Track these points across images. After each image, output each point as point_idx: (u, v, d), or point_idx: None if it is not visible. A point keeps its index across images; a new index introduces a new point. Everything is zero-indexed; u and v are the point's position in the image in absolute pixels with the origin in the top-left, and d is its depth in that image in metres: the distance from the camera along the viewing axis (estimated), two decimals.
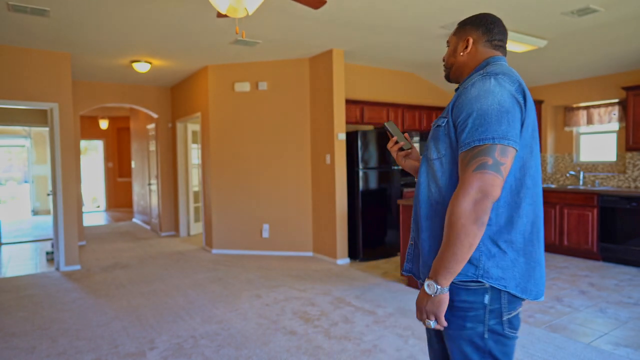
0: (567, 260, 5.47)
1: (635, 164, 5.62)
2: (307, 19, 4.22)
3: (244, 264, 5.48)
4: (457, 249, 1.18)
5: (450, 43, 1.48)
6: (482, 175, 1.16)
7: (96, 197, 12.59)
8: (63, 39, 4.79)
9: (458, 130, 1.26)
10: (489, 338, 1.26)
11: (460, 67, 1.44)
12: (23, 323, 3.58)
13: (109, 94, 7.33)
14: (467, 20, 1.46)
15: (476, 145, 1.19)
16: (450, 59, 1.47)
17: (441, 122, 1.34)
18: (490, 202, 1.17)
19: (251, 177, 6.09)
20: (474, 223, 1.16)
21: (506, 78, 1.25)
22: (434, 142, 1.35)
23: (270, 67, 5.93)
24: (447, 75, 1.51)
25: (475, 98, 1.23)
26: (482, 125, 1.20)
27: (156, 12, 3.99)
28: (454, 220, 1.18)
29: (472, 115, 1.22)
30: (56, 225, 5.39)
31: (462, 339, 1.28)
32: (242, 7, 2.63)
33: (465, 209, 1.16)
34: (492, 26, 1.42)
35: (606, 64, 5.49)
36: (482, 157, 1.18)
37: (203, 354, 2.93)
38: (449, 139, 1.30)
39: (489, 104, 1.21)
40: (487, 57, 1.40)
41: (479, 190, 1.16)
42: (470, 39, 1.41)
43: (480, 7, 3.94)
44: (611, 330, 3.23)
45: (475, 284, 1.25)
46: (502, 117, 1.19)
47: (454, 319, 1.28)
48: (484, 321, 1.26)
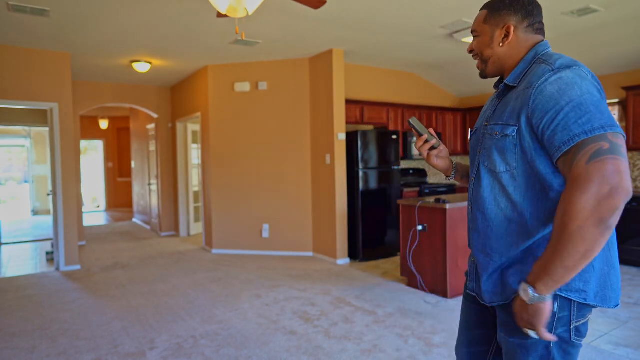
0: None
1: (635, 164, 5.62)
2: (307, 19, 4.22)
3: (244, 264, 5.48)
4: (568, 256, 0.97)
5: (482, 33, 1.30)
6: (601, 165, 0.94)
7: (96, 197, 12.59)
8: (63, 39, 4.79)
9: (547, 135, 1.06)
10: (554, 347, 1.14)
11: (500, 60, 1.28)
12: (23, 323, 3.58)
13: (109, 94, 7.33)
14: (499, 4, 1.27)
15: (581, 140, 0.99)
16: (487, 50, 1.29)
17: (509, 132, 1.16)
18: (622, 197, 0.93)
19: (251, 177, 6.09)
20: (596, 226, 0.94)
21: (583, 68, 1.10)
22: (499, 153, 1.19)
23: (270, 67, 5.93)
24: (484, 71, 1.33)
25: (559, 93, 1.05)
26: (580, 117, 1.01)
27: (156, 12, 3.99)
28: (566, 222, 0.97)
29: (563, 110, 1.03)
30: (56, 225, 5.39)
31: (525, 348, 1.17)
32: (242, 7, 2.63)
33: (584, 208, 0.94)
34: (531, 7, 1.24)
35: (606, 64, 5.49)
36: (592, 145, 0.97)
37: (203, 354, 2.93)
38: (522, 150, 1.14)
39: (580, 94, 1.03)
40: (531, 45, 1.24)
41: (602, 183, 0.93)
42: (511, 26, 1.24)
43: (479, 7, 3.93)
44: (611, 330, 3.23)
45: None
46: (600, 104, 1.03)
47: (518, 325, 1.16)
48: (551, 330, 1.13)
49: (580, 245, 0.96)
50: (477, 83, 6.91)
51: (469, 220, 1.36)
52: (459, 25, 4.41)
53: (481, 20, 1.31)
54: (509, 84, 1.24)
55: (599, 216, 0.94)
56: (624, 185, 0.93)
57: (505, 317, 1.22)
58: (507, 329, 1.21)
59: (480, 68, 1.34)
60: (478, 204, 1.27)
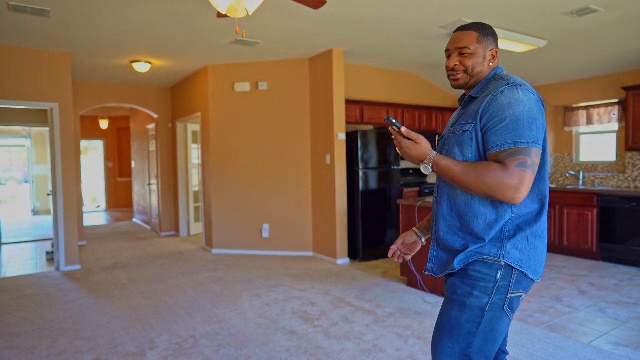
0: (566, 260, 5.47)
1: (635, 164, 5.62)
2: (307, 19, 4.22)
3: (244, 264, 5.49)
4: (470, 182, 1.33)
5: (476, 52, 1.51)
6: (523, 173, 1.30)
7: (96, 197, 12.59)
8: (63, 39, 4.79)
9: (488, 134, 1.37)
10: (489, 310, 1.38)
11: (477, 76, 1.53)
12: (23, 323, 3.58)
13: (109, 94, 7.33)
14: (487, 30, 1.53)
15: (511, 148, 1.32)
16: (478, 67, 1.52)
17: (468, 128, 1.43)
18: (515, 201, 1.31)
19: (251, 177, 6.09)
20: (484, 194, 1.33)
21: (529, 89, 1.39)
22: (458, 146, 1.45)
23: (270, 67, 5.93)
24: (466, 83, 1.55)
25: (507, 105, 1.34)
26: (515, 130, 1.32)
27: (156, 12, 3.99)
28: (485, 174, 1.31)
29: (505, 120, 1.33)
30: (56, 225, 5.39)
31: (463, 306, 1.40)
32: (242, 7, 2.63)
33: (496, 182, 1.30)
34: (496, 36, 1.56)
35: (606, 64, 5.49)
36: (522, 156, 1.31)
37: (203, 354, 2.93)
38: (476, 142, 1.41)
39: (521, 112, 1.33)
40: (494, 66, 1.54)
41: (517, 184, 1.29)
42: (497, 52, 1.53)
43: (480, 7, 3.94)
44: (611, 330, 3.23)
45: (492, 259, 1.39)
46: (532, 123, 1.33)
47: (464, 286, 1.42)
48: (490, 295, 1.38)
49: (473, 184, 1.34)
50: None
51: (434, 209, 1.59)
52: (459, 25, 4.41)
53: (473, 40, 1.51)
54: (473, 95, 1.51)
55: (493, 194, 1.32)
56: (524, 193, 1.31)
57: (454, 279, 1.47)
58: (452, 288, 1.46)
59: (463, 80, 1.54)
60: (443, 191, 1.53)
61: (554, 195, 5.80)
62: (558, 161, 6.59)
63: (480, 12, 4.06)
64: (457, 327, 1.40)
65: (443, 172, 1.39)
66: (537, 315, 3.54)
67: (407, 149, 1.45)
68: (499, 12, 4.05)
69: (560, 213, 5.73)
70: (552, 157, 6.65)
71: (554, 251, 5.85)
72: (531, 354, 2.84)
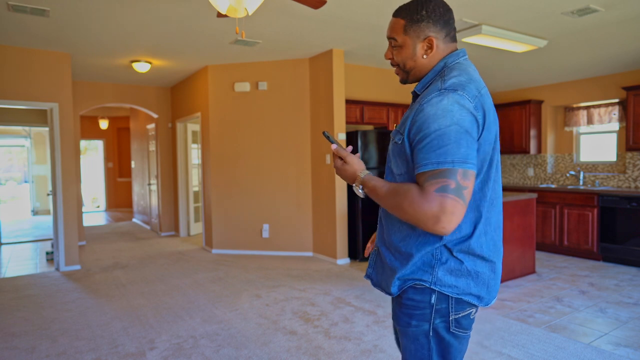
0: (567, 260, 5.47)
1: (636, 164, 5.62)
2: (307, 19, 4.22)
3: (244, 264, 5.48)
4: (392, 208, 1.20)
5: (404, 45, 1.29)
6: (443, 199, 1.10)
7: (96, 197, 12.59)
8: (63, 39, 4.79)
9: (415, 151, 1.18)
10: (433, 336, 1.26)
11: (421, 70, 1.31)
12: (23, 323, 3.58)
13: (109, 94, 7.33)
14: (417, 15, 1.25)
15: (435, 169, 1.12)
16: (409, 62, 1.30)
17: (398, 139, 1.27)
18: (442, 230, 1.11)
19: (251, 177, 6.09)
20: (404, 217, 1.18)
21: (465, 94, 1.16)
22: (394, 157, 1.30)
23: (270, 67, 5.93)
24: (405, 80, 1.36)
25: (433, 117, 1.14)
26: (440, 147, 1.12)
27: (156, 12, 3.99)
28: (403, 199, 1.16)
29: (430, 135, 1.13)
30: (56, 225, 5.39)
31: (408, 336, 1.30)
32: (242, 7, 2.62)
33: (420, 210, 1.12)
34: (448, 16, 1.26)
35: (606, 63, 5.49)
36: (443, 179, 1.10)
37: (203, 354, 2.93)
38: (405, 156, 1.24)
39: (447, 125, 1.12)
40: (447, 54, 1.29)
41: (438, 213, 1.10)
42: (433, 39, 1.26)
43: (480, 7, 3.94)
44: (611, 330, 3.23)
45: (423, 285, 1.25)
46: (461, 138, 1.12)
47: (402, 315, 1.31)
48: (429, 320, 1.26)
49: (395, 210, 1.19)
50: None
51: (379, 217, 1.46)
52: (459, 25, 4.41)
53: (400, 30, 1.28)
54: (417, 91, 1.31)
55: (415, 223, 1.14)
56: (446, 227, 1.11)
57: (394, 305, 1.36)
58: (394, 316, 1.36)
59: (402, 77, 1.36)
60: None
61: (554, 195, 5.80)
62: (558, 161, 6.59)
63: (480, 12, 4.06)
64: (412, 356, 1.31)
65: (371, 194, 1.25)
66: (537, 316, 3.54)
67: (339, 169, 1.31)
68: (499, 12, 4.05)
69: (560, 213, 5.73)
70: (552, 157, 6.65)
71: (554, 251, 5.85)
72: (531, 354, 2.83)
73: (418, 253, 1.25)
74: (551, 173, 6.60)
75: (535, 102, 6.50)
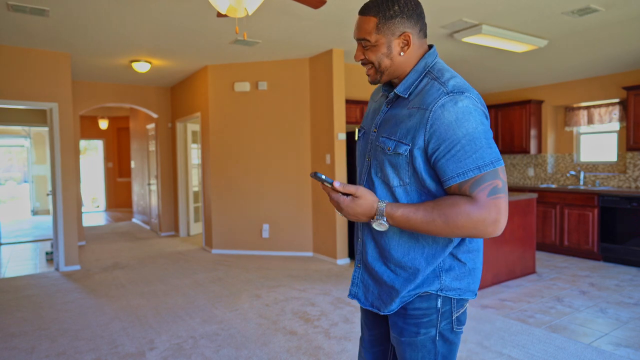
0: (567, 260, 5.47)
1: (636, 164, 5.62)
2: (307, 19, 4.22)
3: (244, 264, 5.48)
4: (428, 226, 1.12)
5: (378, 43, 1.21)
6: (498, 202, 1.10)
7: (96, 197, 12.59)
8: (63, 39, 4.78)
9: (441, 162, 1.12)
10: (439, 339, 1.25)
11: (397, 69, 1.24)
12: (23, 323, 3.57)
13: (109, 94, 7.33)
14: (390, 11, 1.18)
15: (476, 175, 1.10)
16: (385, 61, 1.22)
17: (402, 150, 1.18)
18: (497, 233, 1.12)
19: (251, 177, 6.09)
20: (457, 234, 1.12)
21: (473, 94, 1.15)
22: (392, 168, 1.20)
23: (270, 67, 5.93)
24: (378, 80, 1.27)
25: (456, 123, 1.10)
26: (475, 152, 1.10)
27: (156, 12, 3.99)
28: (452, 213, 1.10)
29: (460, 142, 1.10)
30: (56, 225, 5.38)
31: (414, 345, 1.26)
32: (242, 7, 2.62)
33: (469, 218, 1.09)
34: (419, 10, 1.22)
35: (606, 63, 5.49)
36: (490, 181, 1.10)
37: (203, 354, 2.92)
38: (413, 168, 1.17)
39: (474, 127, 1.10)
40: (422, 52, 1.24)
41: (497, 217, 1.10)
42: (410, 35, 1.19)
43: (480, 7, 3.93)
44: (612, 330, 3.22)
45: (429, 292, 1.24)
46: (489, 138, 1.12)
47: (408, 326, 1.26)
48: (436, 325, 1.25)
49: (444, 231, 1.11)
50: (478, 83, 6.90)
51: (358, 227, 1.36)
52: (459, 25, 4.41)
53: (371, 29, 1.20)
54: (400, 94, 1.23)
55: (470, 235, 1.11)
56: (503, 227, 1.12)
57: (395, 319, 1.30)
58: (397, 329, 1.29)
59: (374, 77, 1.27)
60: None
61: (555, 195, 5.80)
62: (558, 161, 6.59)
63: (481, 12, 4.06)
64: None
65: (402, 224, 1.15)
66: (538, 316, 3.53)
67: (349, 207, 1.17)
68: (499, 11, 4.05)
69: (560, 213, 5.73)
70: (552, 157, 6.65)
71: (554, 251, 5.85)
72: (531, 354, 2.83)
73: (429, 266, 1.22)
74: (551, 173, 6.59)
75: (536, 102, 6.50)
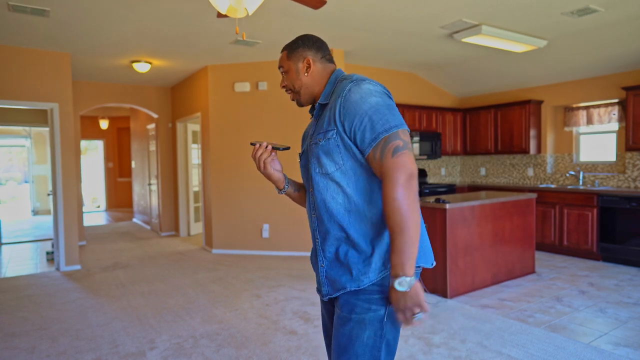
0: (566, 260, 5.47)
1: (635, 164, 5.62)
2: (307, 19, 4.22)
3: (244, 264, 5.49)
4: (410, 232, 1.19)
5: (289, 69, 1.51)
6: (400, 158, 1.23)
7: (96, 197, 12.59)
8: (63, 39, 4.79)
9: (358, 135, 1.29)
10: (387, 322, 1.31)
11: (309, 88, 1.50)
12: (23, 323, 3.58)
13: (109, 94, 7.33)
14: (295, 44, 1.51)
15: (384, 137, 1.26)
16: (297, 82, 1.50)
17: (330, 134, 1.35)
18: (416, 178, 1.23)
19: (251, 177, 6.09)
20: (414, 202, 1.21)
21: (373, 81, 1.36)
22: (325, 155, 1.36)
23: (270, 67, 5.93)
24: (299, 100, 1.53)
25: (361, 100, 1.30)
26: (380, 119, 1.27)
27: (156, 12, 3.99)
28: (396, 207, 1.20)
29: (367, 114, 1.28)
30: (56, 225, 5.39)
31: (362, 323, 1.31)
32: (242, 8, 2.63)
33: (401, 193, 1.20)
34: (319, 43, 1.51)
35: (606, 64, 5.49)
36: (392, 142, 1.25)
37: (203, 354, 2.93)
38: (344, 147, 1.33)
39: (376, 101, 1.29)
40: (330, 71, 1.50)
41: (403, 172, 1.21)
42: (310, 59, 1.48)
43: (480, 7, 3.94)
44: (611, 330, 3.23)
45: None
46: (391, 108, 1.30)
47: (361, 302, 1.32)
48: (386, 304, 1.31)
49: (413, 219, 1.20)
50: (477, 83, 6.91)
51: (314, 228, 1.46)
52: (459, 25, 4.41)
53: (285, 58, 1.52)
54: (322, 102, 1.46)
55: (413, 195, 1.21)
56: (414, 170, 1.23)
57: (347, 297, 1.36)
58: (348, 307, 1.35)
59: (295, 99, 1.54)
60: (321, 207, 1.41)
61: (554, 195, 5.80)
62: (558, 161, 6.59)
63: (481, 12, 4.06)
64: (362, 346, 1.30)
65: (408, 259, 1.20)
66: (537, 315, 3.54)
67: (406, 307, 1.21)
68: (499, 12, 4.05)
69: (560, 213, 5.73)
70: (552, 157, 6.65)
71: (553, 251, 5.85)
72: (531, 354, 2.84)
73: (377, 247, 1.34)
74: (551, 173, 6.60)
75: (535, 102, 6.51)
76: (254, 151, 1.53)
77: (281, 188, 1.60)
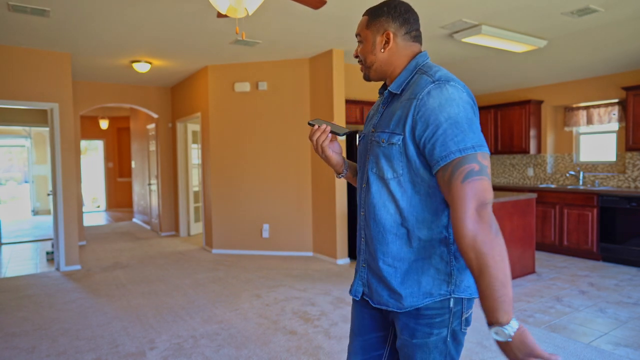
0: (566, 260, 5.47)
1: (635, 164, 5.62)
2: (307, 19, 4.22)
3: (244, 264, 5.49)
4: (492, 272, 1.04)
5: (365, 39, 1.32)
6: (471, 184, 1.08)
7: (96, 197, 12.59)
8: (63, 39, 4.79)
9: (428, 147, 1.14)
10: (450, 339, 1.24)
11: (382, 66, 1.31)
12: (23, 323, 3.58)
13: (109, 94, 7.33)
14: (379, 10, 1.30)
15: (456, 157, 1.10)
16: (370, 57, 1.31)
17: (395, 140, 1.21)
18: (490, 206, 1.08)
19: (251, 177, 6.09)
20: (492, 232, 1.06)
21: (459, 84, 1.18)
22: (386, 160, 1.23)
23: (270, 67, 5.93)
24: (367, 75, 1.36)
25: (439, 107, 1.13)
26: (456, 136, 1.10)
27: (156, 12, 3.99)
28: (469, 245, 1.06)
29: (442, 126, 1.12)
30: (56, 225, 5.39)
31: (426, 347, 1.24)
32: (242, 8, 2.63)
33: (472, 228, 1.06)
34: (408, 15, 1.29)
35: (606, 64, 5.49)
36: (466, 165, 1.09)
37: (203, 353, 2.93)
38: (406, 158, 1.19)
39: (457, 112, 1.12)
40: (411, 53, 1.30)
41: (473, 201, 1.07)
42: (390, 33, 1.28)
43: (480, 7, 3.94)
44: (611, 330, 3.23)
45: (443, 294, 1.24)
46: (472, 124, 1.13)
47: (420, 327, 1.24)
48: (448, 325, 1.23)
49: (497, 255, 1.04)
50: (477, 83, 6.91)
51: (360, 227, 1.36)
52: (459, 25, 4.41)
53: (364, 25, 1.33)
54: (393, 91, 1.29)
55: (488, 225, 1.06)
56: (489, 198, 1.08)
57: (406, 320, 1.26)
58: (408, 331, 1.25)
59: (364, 73, 1.36)
60: (369, 210, 1.29)
61: (554, 195, 5.80)
62: (558, 161, 6.59)
63: (481, 12, 4.06)
64: None
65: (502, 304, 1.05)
66: (537, 315, 3.54)
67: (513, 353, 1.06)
68: (499, 12, 4.05)
69: (560, 213, 5.73)
70: (552, 157, 6.65)
71: (553, 251, 5.85)
72: None
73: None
74: (551, 173, 6.60)
75: (535, 102, 6.51)
76: (311, 132, 1.38)
77: (340, 172, 1.49)
